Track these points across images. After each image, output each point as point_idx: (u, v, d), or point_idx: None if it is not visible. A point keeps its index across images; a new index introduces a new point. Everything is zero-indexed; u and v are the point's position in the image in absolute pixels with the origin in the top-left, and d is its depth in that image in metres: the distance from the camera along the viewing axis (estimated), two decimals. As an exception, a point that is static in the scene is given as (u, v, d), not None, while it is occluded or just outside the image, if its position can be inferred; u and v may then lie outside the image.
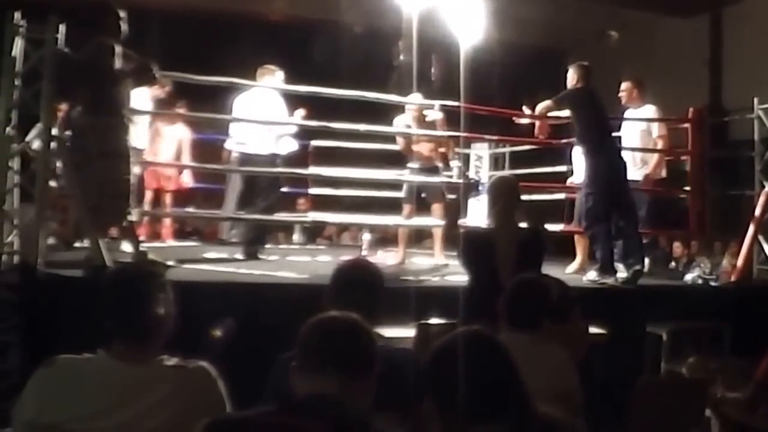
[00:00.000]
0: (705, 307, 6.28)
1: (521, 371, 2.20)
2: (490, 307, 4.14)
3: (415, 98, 7.58)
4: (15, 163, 5.51)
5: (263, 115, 7.34)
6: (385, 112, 7.88)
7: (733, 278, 7.18)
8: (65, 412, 2.35)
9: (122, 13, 5.86)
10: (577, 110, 6.73)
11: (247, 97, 7.41)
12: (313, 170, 9.41)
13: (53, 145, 5.45)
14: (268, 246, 7.96)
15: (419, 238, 9.50)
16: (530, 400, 2.17)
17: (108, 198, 5.67)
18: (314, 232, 10.98)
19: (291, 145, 8.24)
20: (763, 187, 7.44)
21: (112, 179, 5.70)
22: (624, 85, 7.76)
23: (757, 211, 7.36)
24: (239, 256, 7.37)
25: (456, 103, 7.30)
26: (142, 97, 7.24)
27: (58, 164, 5.49)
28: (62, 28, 5.49)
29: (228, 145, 7.94)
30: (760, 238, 7.37)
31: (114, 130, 5.76)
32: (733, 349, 5.87)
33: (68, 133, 5.71)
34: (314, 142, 9.80)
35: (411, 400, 2.48)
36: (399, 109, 7.71)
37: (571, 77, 6.89)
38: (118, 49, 5.77)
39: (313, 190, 10.09)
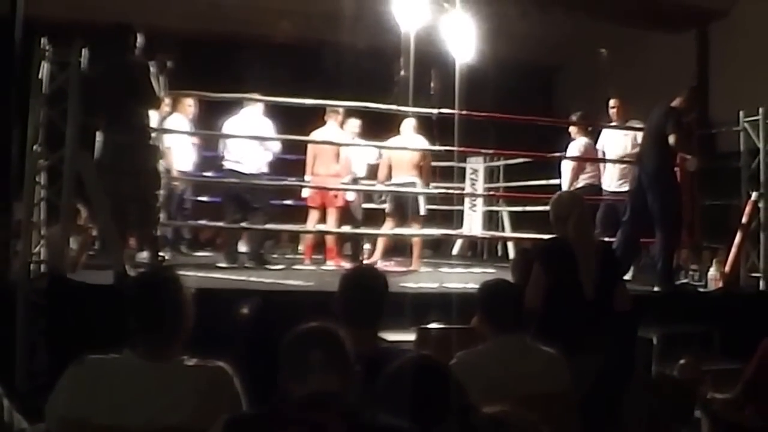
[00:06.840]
0: (694, 312, 6.38)
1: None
2: (573, 319, 4.33)
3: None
4: (42, 178, 5.73)
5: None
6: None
7: (720, 285, 7.23)
8: (94, 408, 2.50)
9: (140, 36, 6.14)
10: None
11: (238, 120, 7.77)
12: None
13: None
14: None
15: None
16: (470, 407, 2.34)
17: (148, 212, 6.11)
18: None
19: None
20: (749, 196, 7.58)
21: (151, 194, 6.10)
22: (613, 102, 8.28)
23: (744, 220, 7.51)
24: (248, 264, 7.69)
25: (452, 111, 7.66)
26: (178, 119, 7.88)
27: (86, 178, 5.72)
28: (85, 51, 5.71)
29: (227, 164, 7.93)
30: (747, 245, 7.52)
31: (151, 148, 6.16)
32: (723, 352, 5.96)
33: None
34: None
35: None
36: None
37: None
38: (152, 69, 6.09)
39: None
